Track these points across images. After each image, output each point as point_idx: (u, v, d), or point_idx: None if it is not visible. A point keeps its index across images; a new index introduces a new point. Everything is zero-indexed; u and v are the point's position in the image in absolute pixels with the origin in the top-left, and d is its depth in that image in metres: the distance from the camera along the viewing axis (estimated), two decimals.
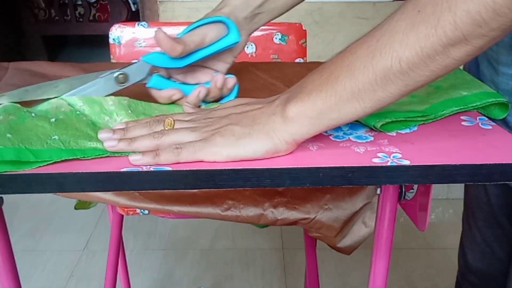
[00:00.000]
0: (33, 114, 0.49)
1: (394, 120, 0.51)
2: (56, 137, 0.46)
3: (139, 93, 0.57)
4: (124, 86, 0.56)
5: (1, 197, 0.58)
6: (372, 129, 0.52)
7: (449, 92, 0.58)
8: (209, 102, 0.60)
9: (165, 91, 0.57)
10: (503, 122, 0.59)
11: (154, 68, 0.57)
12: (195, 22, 0.58)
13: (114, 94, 0.55)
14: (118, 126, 0.50)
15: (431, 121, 0.54)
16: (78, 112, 0.51)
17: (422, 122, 0.53)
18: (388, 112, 0.52)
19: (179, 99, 0.58)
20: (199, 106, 0.58)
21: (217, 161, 0.45)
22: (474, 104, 0.56)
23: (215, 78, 0.58)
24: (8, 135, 0.44)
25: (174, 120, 0.50)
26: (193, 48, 0.56)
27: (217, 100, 0.60)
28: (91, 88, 0.54)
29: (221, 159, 0.45)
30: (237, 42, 0.59)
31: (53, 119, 0.49)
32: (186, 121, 0.50)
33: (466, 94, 0.57)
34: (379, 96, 0.43)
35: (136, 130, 0.49)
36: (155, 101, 0.58)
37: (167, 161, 0.44)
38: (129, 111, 0.54)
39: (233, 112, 0.50)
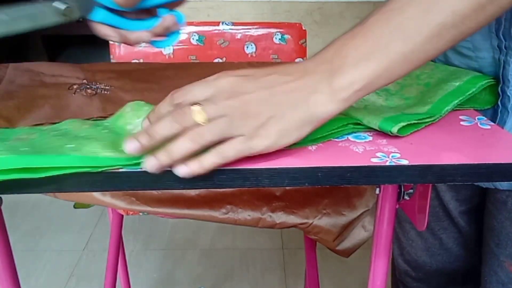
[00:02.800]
0: (52, 133, 0.48)
1: (408, 123, 0.50)
2: (72, 145, 0.44)
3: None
4: (68, 19, 0.50)
5: (1, 197, 0.58)
6: (371, 128, 0.52)
7: (442, 86, 0.58)
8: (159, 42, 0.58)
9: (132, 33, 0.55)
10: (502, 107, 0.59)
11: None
12: None
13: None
14: (138, 129, 0.46)
15: (437, 120, 0.53)
16: (101, 127, 0.50)
17: (430, 123, 0.52)
18: (398, 116, 0.51)
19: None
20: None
21: (264, 152, 0.43)
22: (471, 91, 0.56)
23: (164, 17, 0.55)
24: (23, 148, 0.42)
25: (203, 108, 0.42)
26: None
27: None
28: (27, 12, 0.48)
29: (270, 150, 0.43)
30: None
31: (74, 135, 0.47)
32: (216, 103, 0.42)
33: (460, 84, 0.57)
34: (429, 54, 0.42)
35: (164, 129, 0.42)
36: None
37: (213, 165, 0.41)
38: (146, 108, 0.52)
39: (264, 91, 0.43)
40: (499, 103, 0.59)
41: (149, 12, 0.57)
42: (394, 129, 0.48)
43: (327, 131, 0.48)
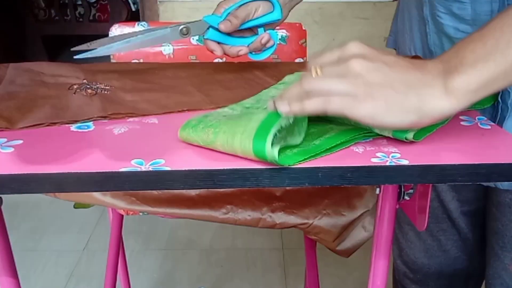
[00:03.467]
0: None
1: (424, 128, 0.48)
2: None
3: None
4: (186, 37, 0.66)
5: (1, 197, 0.58)
6: (382, 136, 0.50)
7: None
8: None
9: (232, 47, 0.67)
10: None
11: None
12: None
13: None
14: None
15: (447, 122, 0.53)
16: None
17: (442, 125, 0.52)
18: None
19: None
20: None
21: (361, 121, 0.44)
22: None
23: (262, 35, 0.68)
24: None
25: (321, 67, 0.46)
26: (241, 22, 0.65)
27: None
28: (159, 34, 0.64)
29: (366, 122, 0.44)
30: (279, 19, 0.68)
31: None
32: (334, 65, 0.46)
33: None
34: None
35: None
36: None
37: (315, 109, 0.44)
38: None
39: (384, 65, 0.45)
40: (499, 99, 0.59)
41: (251, 30, 0.69)
42: (410, 136, 0.47)
43: (339, 140, 0.47)
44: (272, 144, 0.42)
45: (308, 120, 0.51)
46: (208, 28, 0.66)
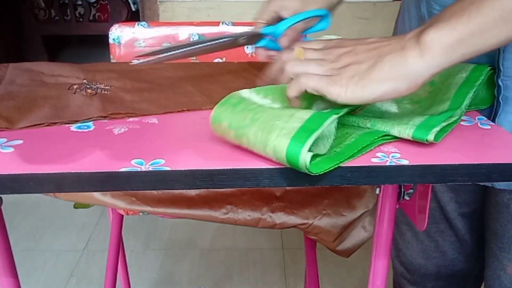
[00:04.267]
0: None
1: (442, 127, 0.48)
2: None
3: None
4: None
5: (1, 197, 0.58)
6: (400, 138, 0.49)
7: (451, 81, 0.57)
8: None
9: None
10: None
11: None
12: (303, 13, 0.65)
13: None
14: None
15: (459, 121, 0.52)
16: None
17: (459, 122, 0.51)
18: (427, 121, 0.49)
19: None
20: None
21: (341, 102, 0.45)
22: (480, 80, 0.55)
23: None
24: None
25: (304, 50, 0.51)
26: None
27: None
28: (216, 44, 0.64)
29: (344, 101, 0.45)
30: (325, 29, 0.68)
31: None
32: (316, 51, 0.51)
33: (466, 74, 0.57)
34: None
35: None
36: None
37: (293, 92, 0.47)
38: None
39: (360, 44, 0.48)
40: (494, 92, 0.59)
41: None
42: (430, 137, 0.47)
43: (360, 146, 0.46)
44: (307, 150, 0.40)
45: None
46: (260, 39, 0.67)
